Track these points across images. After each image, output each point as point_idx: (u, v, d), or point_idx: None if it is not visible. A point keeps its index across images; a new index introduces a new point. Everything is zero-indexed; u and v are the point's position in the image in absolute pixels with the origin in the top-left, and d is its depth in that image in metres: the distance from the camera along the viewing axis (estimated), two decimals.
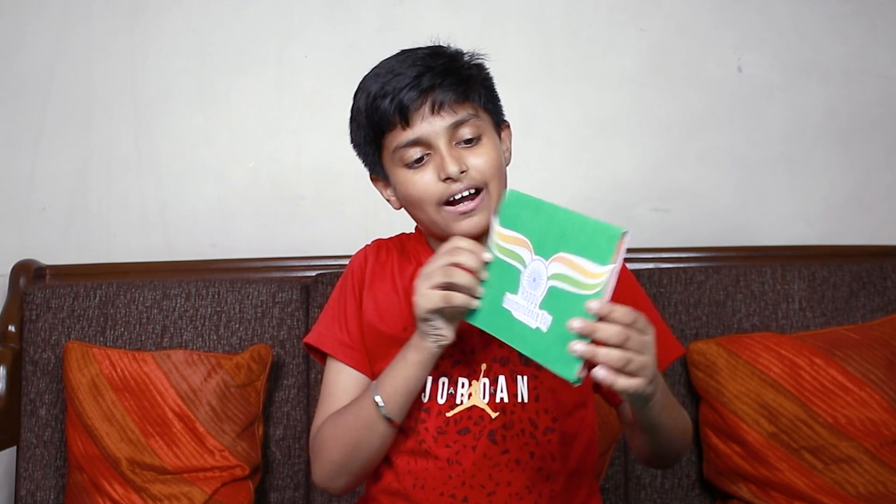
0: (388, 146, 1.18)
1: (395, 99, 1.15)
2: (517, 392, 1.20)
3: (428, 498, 1.19)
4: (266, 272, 1.85)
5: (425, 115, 1.15)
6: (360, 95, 1.21)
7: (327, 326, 1.27)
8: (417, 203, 1.19)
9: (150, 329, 1.73)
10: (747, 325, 1.70)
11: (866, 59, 1.98)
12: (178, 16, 1.97)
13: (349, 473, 1.22)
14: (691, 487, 1.70)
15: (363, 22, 1.97)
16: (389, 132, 1.17)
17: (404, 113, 1.15)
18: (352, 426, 1.18)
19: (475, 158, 1.17)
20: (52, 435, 1.73)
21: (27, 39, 1.96)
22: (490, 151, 1.18)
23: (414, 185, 1.17)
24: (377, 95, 1.17)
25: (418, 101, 1.15)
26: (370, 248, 1.31)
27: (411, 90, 1.15)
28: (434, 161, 1.16)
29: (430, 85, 1.15)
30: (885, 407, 1.55)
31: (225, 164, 1.97)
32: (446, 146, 1.16)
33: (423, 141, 1.16)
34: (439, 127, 1.16)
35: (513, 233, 1.07)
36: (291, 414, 1.73)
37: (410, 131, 1.16)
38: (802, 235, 1.96)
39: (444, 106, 1.15)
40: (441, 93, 1.15)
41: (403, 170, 1.18)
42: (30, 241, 1.96)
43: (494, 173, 1.18)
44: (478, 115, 1.18)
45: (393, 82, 1.16)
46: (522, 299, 1.04)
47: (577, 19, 1.97)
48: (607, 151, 1.98)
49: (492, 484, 1.19)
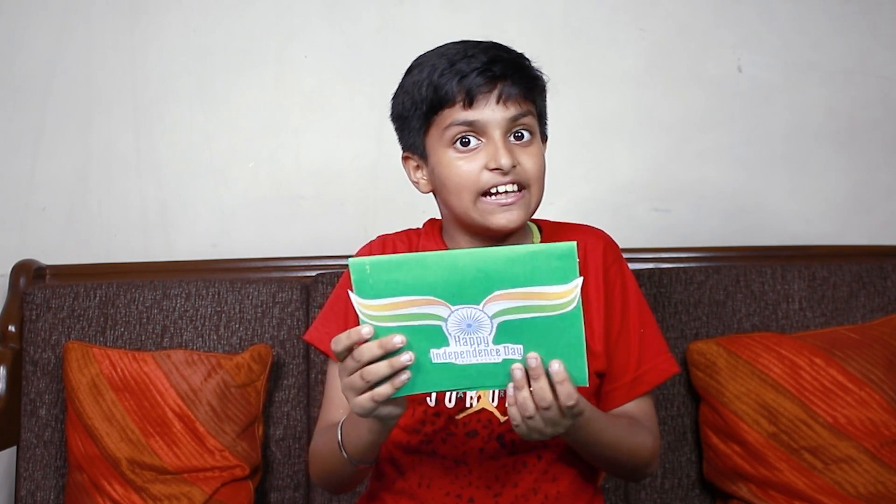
0: (441, 122, 1.17)
1: (464, 78, 1.14)
2: None
3: (434, 497, 1.19)
4: (266, 272, 1.85)
5: (490, 102, 1.15)
6: (421, 69, 1.19)
7: (326, 325, 1.26)
8: (455, 189, 1.17)
9: (150, 329, 1.73)
10: (747, 325, 1.70)
11: (866, 59, 1.98)
12: (178, 16, 1.97)
13: (332, 489, 1.27)
14: (691, 487, 1.70)
15: (363, 22, 1.97)
16: (447, 108, 1.16)
17: (471, 93, 1.14)
18: (327, 457, 1.19)
19: (526, 157, 1.17)
20: (52, 435, 1.73)
21: (27, 39, 1.96)
22: (539, 154, 1.19)
23: (458, 170, 1.16)
24: (445, 71, 1.15)
25: (487, 87, 1.14)
26: (375, 244, 1.30)
27: (482, 74, 1.14)
28: (486, 150, 1.16)
29: (501, 74, 1.15)
30: (885, 407, 1.55)
31: (225, 164, 1.97)
32: (501, 137, 1.15)
33: (480, 126, 1.15)
34: (500, 117, 1.15)
35: (396, 298, 0.96)
36: (291, 414, 1.73)
37: (471, 112, 1.15)
38: (802, 235, 1.96)
39: (510, 98, 1.15)
40: (510, 85, 1.15)
41: (450, 150, 1.17)
42: (30, 241, 1.95)
43: (539, 177, 1.19)
44: (534, 115, 1.19)
45: (463, 62, 1.15)
46: (461, 346, 0.97)
47: (577, 19, 1.97)
48: (607, 151, 1.98)
49: (498, 485, 1.19)
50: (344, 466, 1.16)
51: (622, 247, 1.33)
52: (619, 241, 1.33)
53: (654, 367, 1.24)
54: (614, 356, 1.23)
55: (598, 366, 1.22)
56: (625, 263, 1.29)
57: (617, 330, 1.24)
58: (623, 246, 1.75)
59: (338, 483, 1.23)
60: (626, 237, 1.89)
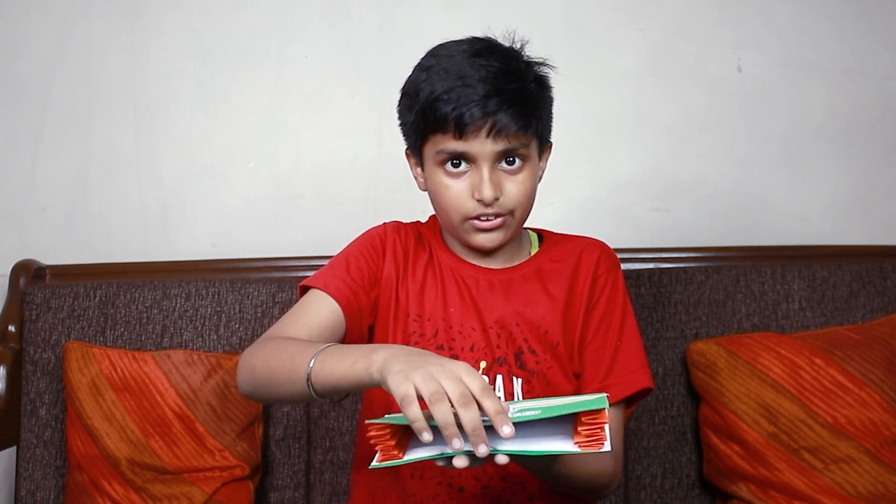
0: (434, 144, 1.19)
1: (456, 109, 1.14)
2: (513, 392, 1.22)
3: (426, 487, 1.21)
4: (266, 272, 1.85)
5: (480, 136, 1.15)
6: (429, 78, 1.18)
7: (326, 272, 1.26)
8: (442, 209, 1.22)
9: (150, 329, 1.73)
10: (747, 325, 1.70)
11: (866, 59, 1.98)
12: (178, 16, 1.97)
13: (258, 394, 1.18)
14: (691, 487, 1.70)
15: (363, 22, 1.97)
16: (440, 133, 1.17)
17: (461, 127, 1.15)
18: (285, 364, 1.10)
19: (512, 185, 1.19)
20: (52, 435, 1.73)
21: (27, 39, 1.96)
22: (527, 181, 1.20)
23: (447, 192, 1.19)
24: (440, 98, 1.15)
25: (479, 122, 1.14)
26: (389, 225, 1.33)
27: (476, 107, 1.14)
28: (472, 178, 1.18)
29: (495, 109, 1.14)
30: (885, 407, 1.56)
31: (225, 164, 1.97)
32: (489, 169, 1.17)
33: (470, 156, 1.17)
34: (489, 150, 1.16)
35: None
36: (291, 414, 1.73)
37: (461, 143, 1.16)
38: (802, 235, 1.96)
39: (501, 133, 1.15)
40: (504, 119, 1.15)
41: (440, 170, 1.20)
42: (30, 241, 1.95)
43: (523, 202, 1.21)
44: (528, 145, 1.19)
45: (459, 91, 1.15)
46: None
47: (577, 19, 1.97)
48: (607, 151, 1.98)
49: (486, 477, 1.21)
50: (295, 382, 1.08)
51: (622, 247, 1.34)
52: (619, 241, 1.34)
53: (623, 380, 1.24)
54: (585, 364, 1.25)
55: (576, 367, 1.25)
56: (619, 276, 1.29)
57: (590, 337, 1.25)
58: (623, 246, 1.76)
59: (274, 393, 1.14)
60: (626, 237, 1.90)
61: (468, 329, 1.24)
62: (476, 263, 1.28)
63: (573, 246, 1.31)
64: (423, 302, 1.26)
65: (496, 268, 1.28)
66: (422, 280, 1.27)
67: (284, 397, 1.13)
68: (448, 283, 1.27)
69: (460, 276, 1.27)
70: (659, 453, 1.71)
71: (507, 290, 1.26)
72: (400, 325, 1.25)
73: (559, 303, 1.26)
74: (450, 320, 1.25)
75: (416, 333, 1.25)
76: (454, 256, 1.29)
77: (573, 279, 1.27)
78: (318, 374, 1.04)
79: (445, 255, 1.29)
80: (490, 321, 1.25)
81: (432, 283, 1.27)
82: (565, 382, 1.24)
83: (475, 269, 1.28)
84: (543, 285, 1.27)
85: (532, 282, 1.27)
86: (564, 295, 1.26)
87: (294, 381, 1.07)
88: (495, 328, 1.24)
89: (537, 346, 1.24)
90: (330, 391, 1.06)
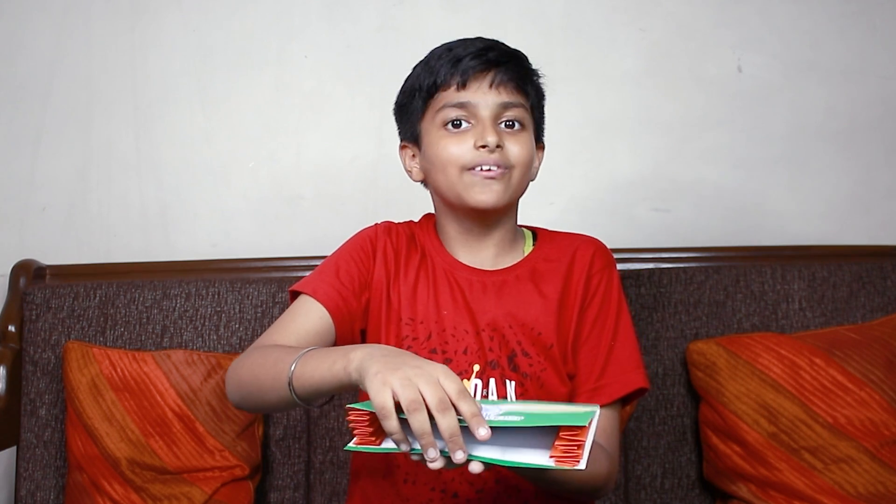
0: (435, 105, 1.22)
1: (459, 61, 1.20)
2: (506, 395, 1.21)
3: (419, 493, 1.21)
4: (266, 272, 1.85)
5: (482, 86, 1.20)
6: (423, 61, 1.26)
7: (315, 276, 1.26)
8: (442, 165, 1.21)
9: (150, 329, 1.73)
10: (747, 325, 1.70)
11: (866, 59, 1.98)
12: (178, 16, 1.97)
13: (247, 403, 1.18)
14: (691, 487, 1.70)
15: (363, 22, 1.97)
16: (442, 90, 1.21)
17: (464, 76, 1.19)
18: (269, 371, 1.10)
19: (513, 142, 1.21)
20: (52, 435, 1.73)
21: (27, 39, 1.96)
22: (527, 143, 1.23)
23: (447, 148, 1.21)
24: (441, 55, 1.22)
25: (480, 71, 1.20)
26: (380, 227, 1.32)
27: (476, 58, 1.20)
28: (475, 130, 1.20)
29: (495, 60, 1.20)
30: (885, 407, 1.56)
31: (225, 164, 1.97)
32: (490, 120, 1.20)
33: (471, 107, 1.20)
34: (491, 101, 1.20)
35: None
36: (291, 414, 1.73)
37: (464, 93, 1.20)
38: (802, 235, 1.96)
39: (502, 84, 1.20)
40: (503, 72, 1.20)
41: (441, 130, 1.21)
42: (30, 241, 1.95)
43: (523, 163, 1.22)
44: (526, 113, 1.23)
45: (460, 47, 1.22)
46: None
47: (577, 19, 1.97)
48: (607, 151, 1.98)
49: (480, 482, 1.20)
50: (279, 389, 1.08)
51: (622, 247, 1.34)
52: (619, 241, 1.34)
53: (618, 381, 1.23)
54: (580, 363, 1.24)
55: (570, 368, 1.24)
56: (615, 274, 1.29)
57: (585, 336, 1.25)
58: (623, 246, 1.77)
59: (260, 402, 1.15)
60: (626, 237, 1.90)
61: (461, 332, 1.23)
62: (469, 264, 1.27)
63: (568, 243, 1.30)
64: (415, 304, 1.25)
65: (490, 269, 1.27)
66: (414, 282, 1.26)
67: (271, 404, 1.13)
68: (441, 284, 1.26)
69: (453, 278, 1.26)
70: (659, 453, 1.71)
71: (500, 292, 1.25)
72: (393, 329, 1.25)
73: (553, 303, 1.25)
74: (443, 323, 1.24)
75: (408, 337, 1.24)
76: (448, 256, 1.28)
77: (567, 278, 1.26)
78: (300, 378, 1.05)
79: (439, 256, 1.28)
80: (483, 323, 1.24)
81: (424, 284, 1.26)
82: (559, 384, 1.23)
83: (468, 269, 1.27)
84: (537, 286, 1.26)
85: (526, 283, 1.26)
86: (558, 295, 1.25)
87: (278, 387, 1.07)
88: (488, 331, 1.23)
89: (531, 348, 1.23)
90: (312, 394, 1.05)
